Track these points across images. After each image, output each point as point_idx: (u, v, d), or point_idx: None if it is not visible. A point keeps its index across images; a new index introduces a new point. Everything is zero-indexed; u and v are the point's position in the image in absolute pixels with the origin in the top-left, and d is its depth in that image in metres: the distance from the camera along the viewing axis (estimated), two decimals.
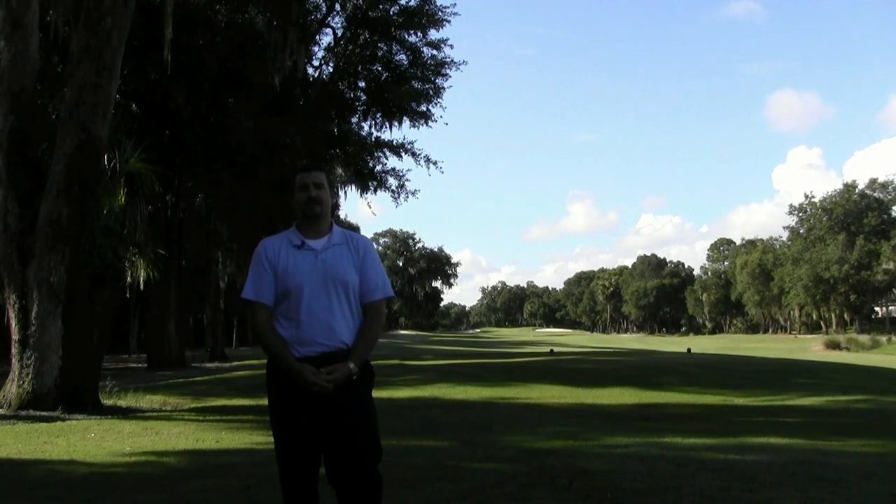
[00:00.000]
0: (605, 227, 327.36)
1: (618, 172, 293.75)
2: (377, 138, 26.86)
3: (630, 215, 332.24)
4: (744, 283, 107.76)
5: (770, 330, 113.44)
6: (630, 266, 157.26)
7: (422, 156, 26.28)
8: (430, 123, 25.98)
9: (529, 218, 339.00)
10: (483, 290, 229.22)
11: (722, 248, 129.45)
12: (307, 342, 2.91)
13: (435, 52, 24.87)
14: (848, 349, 60.82)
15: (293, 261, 2.98)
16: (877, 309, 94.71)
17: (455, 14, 25.02)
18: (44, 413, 9.69)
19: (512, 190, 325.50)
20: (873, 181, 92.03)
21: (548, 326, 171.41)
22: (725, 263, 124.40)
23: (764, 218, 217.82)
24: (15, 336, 10.36)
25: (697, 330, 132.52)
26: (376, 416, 3.03)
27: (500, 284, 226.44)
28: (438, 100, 25.62)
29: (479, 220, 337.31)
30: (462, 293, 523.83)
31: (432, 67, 25.10)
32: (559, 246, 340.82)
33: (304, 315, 2.93)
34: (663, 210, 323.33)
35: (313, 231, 3.06)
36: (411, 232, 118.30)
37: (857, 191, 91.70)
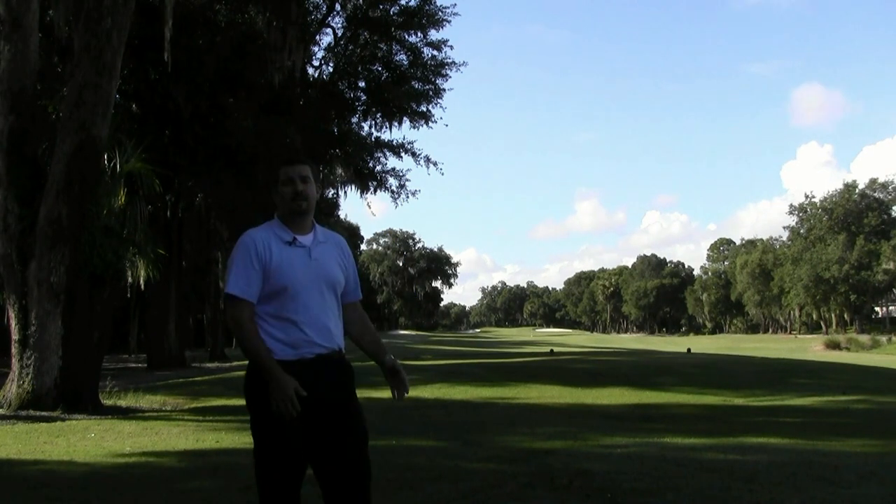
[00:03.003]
0: (612, 226, 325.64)
1: (625, 171, 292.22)
2: (377, 138, 26.90)
3: (637, 214, 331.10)
4: (744, 283, 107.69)
5: (770, 330, 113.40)
6: (630, 266, 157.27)
7: (422, 156, 26.34)
8: (431, 124, 26.03)
9: (536, 217, 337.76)
10: (483, 290, 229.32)
11: (722, 248, 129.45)
12: (303, 343, 2.76)
13: (435, 52, 24.91)
14: (848, 349, 60.78)
15: (287, 258, 2.80)
16: (877, 309, 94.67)
17: (455, 14, 25.02)
18: (44, 413, 9.68)
19: (519, 189, 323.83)
20: (873, 181, 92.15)
21: (548, 326, 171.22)
22: (725, 263, 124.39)
23: (773, 216, 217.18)
24: (15, 336, 10.36)
25: (697, 330, 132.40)
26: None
27: (500, 284, 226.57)
28: (438, 100, 25.65)
29: (484, 219, 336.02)
30: (463, 293, 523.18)
31: (432, 68, 25.11)
32: (566, 245, 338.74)
33: (301, 315, 2.77)
34: (671, 208, 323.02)
35: (299, 227, 2.88)
36: (411, 232, 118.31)
37: (857, 191, 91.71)
